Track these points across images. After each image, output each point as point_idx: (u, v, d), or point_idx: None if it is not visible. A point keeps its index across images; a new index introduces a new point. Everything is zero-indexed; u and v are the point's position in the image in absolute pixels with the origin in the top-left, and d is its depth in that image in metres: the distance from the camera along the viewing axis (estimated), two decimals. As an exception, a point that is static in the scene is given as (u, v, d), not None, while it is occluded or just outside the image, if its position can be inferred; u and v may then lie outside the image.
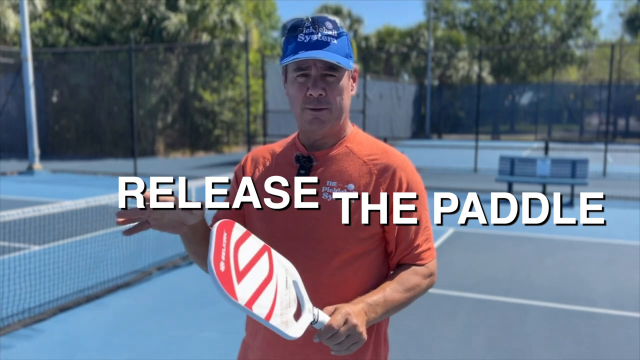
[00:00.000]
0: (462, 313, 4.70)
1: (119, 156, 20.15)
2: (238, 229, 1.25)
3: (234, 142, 22.87)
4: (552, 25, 39.64)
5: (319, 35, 1.39)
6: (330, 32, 1.40)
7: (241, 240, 1.24)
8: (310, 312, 1.25)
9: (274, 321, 1.18)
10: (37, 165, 15.32)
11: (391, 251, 1.50)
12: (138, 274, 5.61)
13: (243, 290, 1.17)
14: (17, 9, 20.60)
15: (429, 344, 4.07)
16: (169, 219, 1.31)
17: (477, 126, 15.85)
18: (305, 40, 1.39)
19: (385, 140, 13.38)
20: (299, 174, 1.47)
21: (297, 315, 1.25)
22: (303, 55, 1.37)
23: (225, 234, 1.22)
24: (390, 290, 1.41)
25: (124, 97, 20.36)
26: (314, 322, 1.25)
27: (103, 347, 3.95)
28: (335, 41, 1.40)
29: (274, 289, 1.23)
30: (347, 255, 1.44)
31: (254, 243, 1.27)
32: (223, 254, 1.19)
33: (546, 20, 39.63)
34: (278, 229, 1.45)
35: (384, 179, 1.45)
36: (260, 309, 1.17)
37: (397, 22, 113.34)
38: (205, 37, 20.97)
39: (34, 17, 21.71)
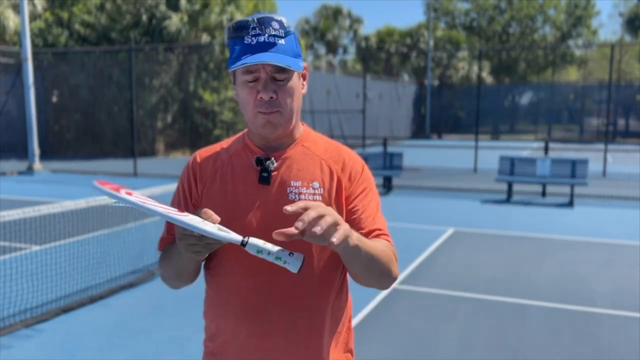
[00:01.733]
0: (462, 313, 4.70)
1: (119, 156, 20.15)
2: (133, 196, 1.25)
3: (234, 142, 22.83)
4: (552, 25, 39.66)
5: (266, 36, 1.35)
6: (277, 32, 1.36)
7: (139, 195, 1.25)
8: (240, 237, 1.23)
9: (174, 215, 1.18)
10: (37, 165, 15.32)
11: None
12: (140, 273, 5.62)
13: (133, 197, 1.21)
14: (17, 8, 20.60)
15: (429, 344, 4.08)
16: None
17: (477, 126, 15.86)
18: (252, 42, 1.34)
19: (385, 140, 13.35)
20: (261, 177, 1.43)
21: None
22: (251, 60, 1.33)
23: (109, 185, 1.24)
24: (366, 239, 1.37)
25: (124, 97, 20.35)
26: (243, 243, 1.21)
27: (103, 347, 3.96)
28: (282, 41, 1.36)
29: (184, 214, 1.23)
30: (323, 253, 1.43)
31: (155, 203, 1.24)
32: (109, 186, 1.23)
33: (546, 20, 39.65)
34: (251, 234, 1.42)
35: (343, 174, 1.46)
36: (156, 207, 1.19)
37: (397, 22, 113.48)
38: (205, 37, 20.99)
39: (34, 17, 21.71)
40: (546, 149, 11.92)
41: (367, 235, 1.43)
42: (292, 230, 1.18)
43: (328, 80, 22.67)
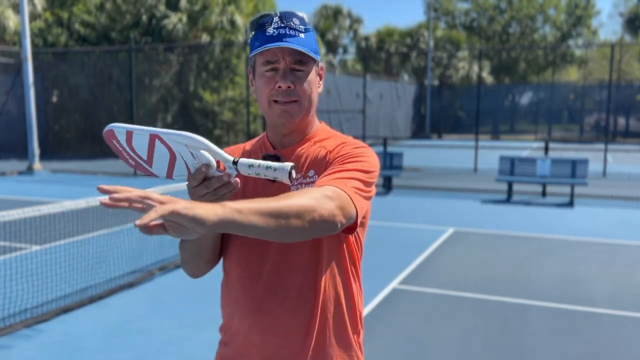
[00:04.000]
0: (462, 313, 4.70)
1: (119, 156, 20.12)
2: (120, 133, 1.27)
3: (234, 142, 22.87)
4: (552, 25, 39.65)
5: (287, 29, 1.40)
6: (297, 27, 1.41)
7: (129, 139, 1.27)
8: (230, 160, 1.23)
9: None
10: (37, 165, 15.32)
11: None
12: (140, 274, 5.62)
13: (158, 169, 1.29)
14: (17, 8, 20.60)
15: (429, 344, 4.08)
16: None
17: (477, 126, 15.86)
18: (274, 34, 1.39)
19: (385, 140, 13.36)
20: None
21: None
22: (272, 44, 1.38)
23: (113, 141, 1.29)
24: (265, 199, 1.18)
25: (124, 97, 20.35)
26: (234, 161, 1.21)
27: (103, 347, 3.96)
28: (302, 35, 1.41)
29: (184, 163, 1.26)
30: (319, 241, 1.43)
31: (140, 136, 1.26)
32: (125, 154, 1.29)
33: (546, 20, 39.65)
34: None
35: (332, 153, 1.45)
36: (180, 177, 1.28)
37: (397, 22, 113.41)
38: (205, 37, 20.98)
39: (34, 17, 21.70)
40: (546, 149, 11.92)
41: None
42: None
43: (328, 80, 22.69)
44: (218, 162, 1.24)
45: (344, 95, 25.62)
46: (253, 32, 1.44)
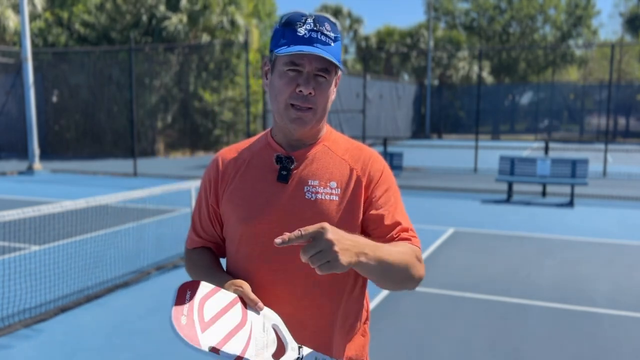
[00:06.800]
0: (462, 313, 4.70)
1: (119, 156, 20.15)
2: (204, 287, 1.25)
3: (234, 142, 22.86)
4: (552, 25, 39.63)
5: (319, 33, 1.36)
6: (328, 34, 1.38)
7: (207, 296, 1.24)
8: (295, 350, 1.24)
9: (249, 355, 1.17)
10: (37, 165, 15.32)
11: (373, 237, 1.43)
12: (137, 274, 5.61)
13: (208, 338, 1.16)
14: (17, 8, 20.61)
15: (429, 344, 4.07)
16: None
17: (477, 126, 15.86)
18: (305, 35, 1.35)
19: (385, 140, 13.29)
20: (280, 175, 1.43)
21: (279, 355, 1.25)
22: (306, 49, 1.33)
23: (188, 293, 1.23)
24: (383, 245, 1.34)
25: (124, 97, 20.36)
26: (299, 358, 1.24)
27: (103, 347, 3.95)
28: (332, 44, 1.38)
29: (248, 332, 1.22)
30: None
31: (224, 296, 1.26)
32: (185, 309, 1.19)
33: (546, 20, 39.62)
34: (264, 233, 1.42)
35: (362, 174, 1.46)
36: (230, 350, 1.16)
37: (397, 22, 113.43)
38: (205, 37, 20.99)
39: (34, 17, 21.71)
40: (546, 149, 11.92)
41: (388, 233, 1.42)
42: (292, 235, 1.18)
43: (328, 80, 22.66)
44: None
45: (344, 95, 25.61)
46: (279, 27, 1.40)
